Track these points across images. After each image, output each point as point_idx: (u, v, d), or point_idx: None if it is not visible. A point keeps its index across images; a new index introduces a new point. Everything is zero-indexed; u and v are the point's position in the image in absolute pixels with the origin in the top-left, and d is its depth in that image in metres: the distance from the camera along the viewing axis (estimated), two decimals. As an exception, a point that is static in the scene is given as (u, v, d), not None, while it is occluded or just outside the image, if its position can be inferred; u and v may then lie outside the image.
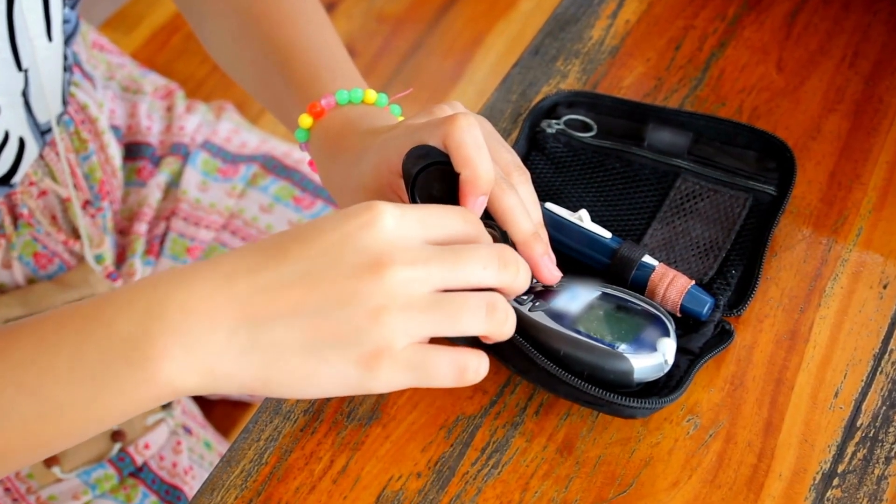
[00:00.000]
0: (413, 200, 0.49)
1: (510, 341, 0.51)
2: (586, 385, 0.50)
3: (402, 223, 0.42)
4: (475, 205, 0.47)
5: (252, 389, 0.42)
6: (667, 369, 0.50)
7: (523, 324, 0.51)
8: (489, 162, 0.47)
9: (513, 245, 0.50)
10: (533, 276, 0.51)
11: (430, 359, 0.42)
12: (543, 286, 0.52)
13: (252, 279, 0.41)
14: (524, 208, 0.49)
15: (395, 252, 0.41)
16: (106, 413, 0.42)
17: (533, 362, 0.51)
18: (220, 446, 0.81)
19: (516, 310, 0.51)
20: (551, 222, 0.56)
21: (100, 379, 0.41)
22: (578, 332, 0.50)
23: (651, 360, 0.50)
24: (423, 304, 0.41)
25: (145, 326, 0.41)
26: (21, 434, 0.42)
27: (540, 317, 0.51)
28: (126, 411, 0.42)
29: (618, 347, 0.50)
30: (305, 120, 0.57)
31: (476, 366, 0.44)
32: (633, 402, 0.50)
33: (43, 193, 0.75)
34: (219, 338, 0.41)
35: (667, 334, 0.51)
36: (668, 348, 0.50)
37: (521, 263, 0.45)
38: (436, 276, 0.41)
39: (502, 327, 0.44)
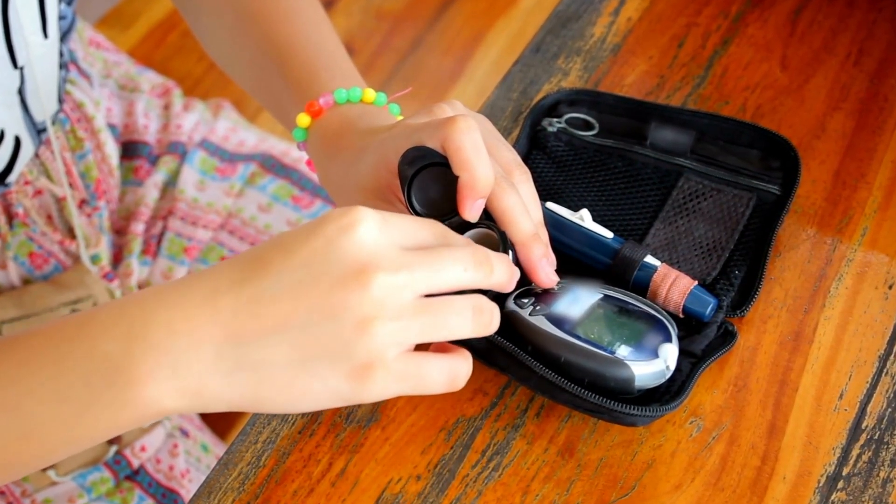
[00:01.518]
0: (409, 201, 0.49)
1: (508, 352, 0.50)
2: (586, 393, 0.49)
3: (383, 229, 0.41)
4: (472, 208, 0.47)
5: (241, 408, 0.42)
6: (668, 375, 0.50)
7: (524, 329, 0.50)
8: (488, 165, 0.46)
9: (513, 246, 0.49)
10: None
11: (422, 369, 0.42)
12: (543, 289, 0.52)
13: (235, 295, 0.40)
14: (524, 208, 0.49)
15: (378, 259, 0.40)
16: (91, 433, 0.42)
17: (533, 370, 0.50)
18: (218, 449, 0.80)
19: (517, 314, 0.51)
20: (552, 222, 0.56)
21: (83, 400, 0.40)
22: (579, 338, 0.50)
23: (652, 366, 0.49)
24: (410, 311, 0.41)
25: (127, 347, 0.40)
26: (7, 451, 0.42)
27: (540, 321, 0.50)
28: (111, 431, 0.42)
29: (619, 354, 0.49)
30: (303, 119, 0.56)
31: (466, 371, 0.44)
32: (634, 409, 0.49)
33: (38, 193, 0.75)
34: (204, 358, 0.40)
35: (669, 339, 0.50)
36: (669, 354, 0.50)
37: (496, 259, 0.44)
38: (420, 282, 0.41)
39: (487, 328, 0.44)
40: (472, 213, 0.47)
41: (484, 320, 0.43)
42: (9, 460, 0.42)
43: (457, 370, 0.43)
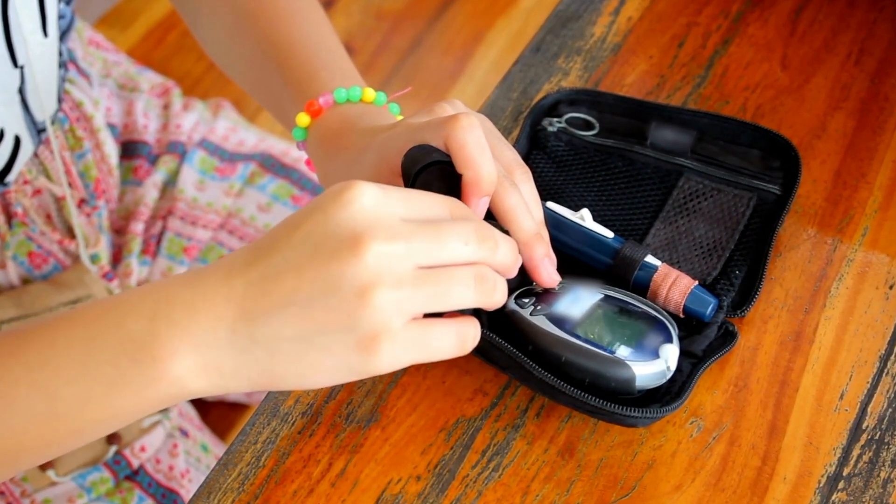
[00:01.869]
0: None
1: (508, 353, 0.50)
2: (586, 395, 0.49)
3: (382, 200, 0.41)
4: (478, 206, 0.47)
5: (261, 385, 0.42)
6: (669, 376, 0.50)
7: (524, 328, 0.50)
8: (492, 162, 0.46)
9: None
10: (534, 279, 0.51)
11: (431, 334, 0.42)
12: (544, 289, 0.52)
13: (245, 274, 0.41)
14: (527, 208, 0.49)
15: (372, 228, 0.40)
16: (118, 413, 0.43)
17: (533, 371, 0.50)
18: (217, 449, 0.80)
19: (517, 313, 0.51)
20: (553, 222, 0.56)
21: (110, 379, 0.41)
22: (580, 338, 0.50)
23: (653, 367, 0.49)
24: (411, 280, 0.41)
25: (153, 326, 0.41)
26: (34, 433, 0.43)
27: (541, 321, 0.50)
28: (138, 411, 0.43)
29: (619, 354, 0.49)
30: (303, 119, 0.56)
31: (474, 334, 0.44)
32: (635, 411, 0.49)
33: (37, 192, 0.75)
34: (221, 335, 0.41)
35: (669, 340, 0.50)
36: (670, 355, 0.50)
37: (500, 237, 0.44)
38: (417, 252, 0.41)
39: (492, 297, 0.43)
40: (477, 211, 0.47)
41: (487, 288, 0.43)
42: (40, 440, 0.43)
43: (464, 333, 0.43)
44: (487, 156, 0.46)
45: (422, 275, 0.41)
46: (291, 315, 0.40)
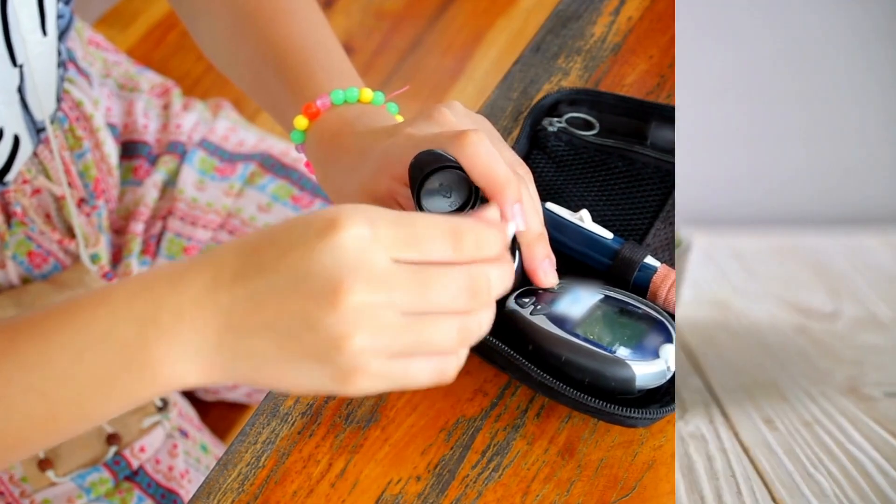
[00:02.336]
0: (419, 205, 0.49)
1: (507, 356, 0.50)
2: (586, 397, 0.49)
3: (369, 239, 0.40)
4: (514, 213, 0.47)
5: (249, 386, 0.43)
6: (669, 375, 0.50)
7: (525, 328, 0.50)
8: (507, 169, 0.47)
9: (519, 247, 0.49)
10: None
11: (409, 368, 0.42)
12: (544, 289, 0.52)
13: (232, 289, 0.41)
14: (533, 207, 0.49)
15: (353, 274, 0.39)
16: (110, 410, 0.44)
17: (531, 373, 0.50)
18: (217, 449, 0.80)
19: (518, 313, 0.51)
20: (552, 222, 0.56)
21: (104, 382, 0.42)
22: (580, 338, 0.50)
23: (653, 366, 0.49)
24: (392, 328, 0.40)
25: (141, 331, 0.41)
26: (27, 429, 0.43)
27: (541, 321, 0.50)
28: (129, 406, 0.44)
29: (619, 354, 0.49)
30: (301, 121, 0.56)
31: (455, 366, 0.43)
32: (635, 412, 0.49)
33: (37, 192, 0.75)
34: (208, 344, 0.42)
35: (670, 340, 0.50)
36: (670, 355, 0.50)
37: (493, 288, 0.42)
38: (399, 302, 0.40)
39: (472, 343, 0.43)
40: (516, 219, 0.47)
41: (471, 338, 0.42)
42: (34, 439, 0.44)
43: (444, 365, 0.42)
44: (502, 164, 0.47)
45: (403, 323, 0.40)
46: (272, 339, 0.41)
